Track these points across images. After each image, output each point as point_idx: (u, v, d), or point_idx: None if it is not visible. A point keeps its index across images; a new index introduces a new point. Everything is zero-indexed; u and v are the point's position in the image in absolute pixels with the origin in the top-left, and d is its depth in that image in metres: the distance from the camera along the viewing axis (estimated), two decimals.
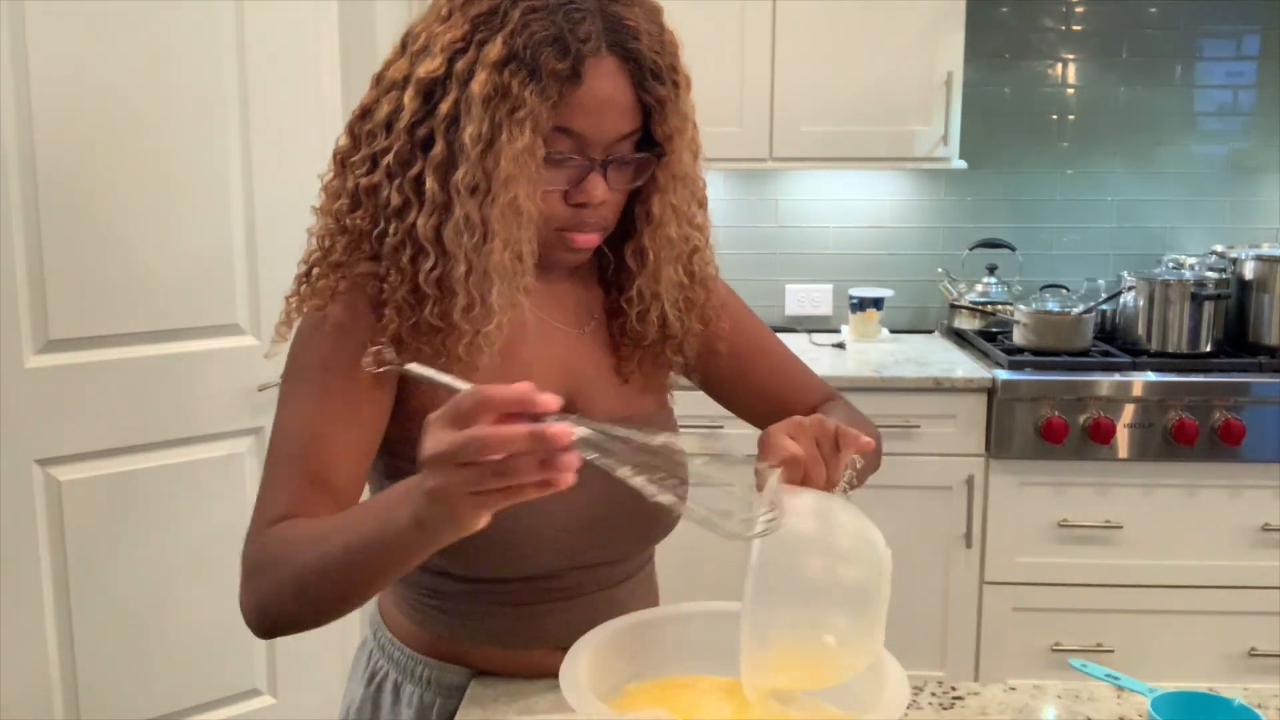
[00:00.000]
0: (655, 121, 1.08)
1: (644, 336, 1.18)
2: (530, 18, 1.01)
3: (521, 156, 1.01)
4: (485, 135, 1.00)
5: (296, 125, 2.30)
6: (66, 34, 2.01)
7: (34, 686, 2.10)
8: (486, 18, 1.02)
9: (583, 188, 1.07)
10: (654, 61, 1.05)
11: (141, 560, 2.21)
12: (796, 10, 2.88)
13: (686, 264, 1.18)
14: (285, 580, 0.96)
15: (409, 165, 1.04)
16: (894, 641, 0.99)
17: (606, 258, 1.19)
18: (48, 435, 2.08)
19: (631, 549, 1.21)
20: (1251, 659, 2.75)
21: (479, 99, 1.00)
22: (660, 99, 1.06)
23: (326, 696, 2.46)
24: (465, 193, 1.02)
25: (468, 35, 1.02)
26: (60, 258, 2.04)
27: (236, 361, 2.28)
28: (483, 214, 1.02)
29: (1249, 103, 3.25)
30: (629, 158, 1.09)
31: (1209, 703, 1.02)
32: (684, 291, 1.19)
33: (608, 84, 1.03)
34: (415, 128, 1.04)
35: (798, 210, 3.33)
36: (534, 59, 1.00)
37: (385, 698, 1.22)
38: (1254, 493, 2.71)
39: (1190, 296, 2.84)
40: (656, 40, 1.05)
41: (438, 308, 1.04)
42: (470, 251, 1.03)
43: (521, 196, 1.02)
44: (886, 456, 2.82)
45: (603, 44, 1.02)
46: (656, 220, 1.13)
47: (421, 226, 1.03)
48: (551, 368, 1.15)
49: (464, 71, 1.02)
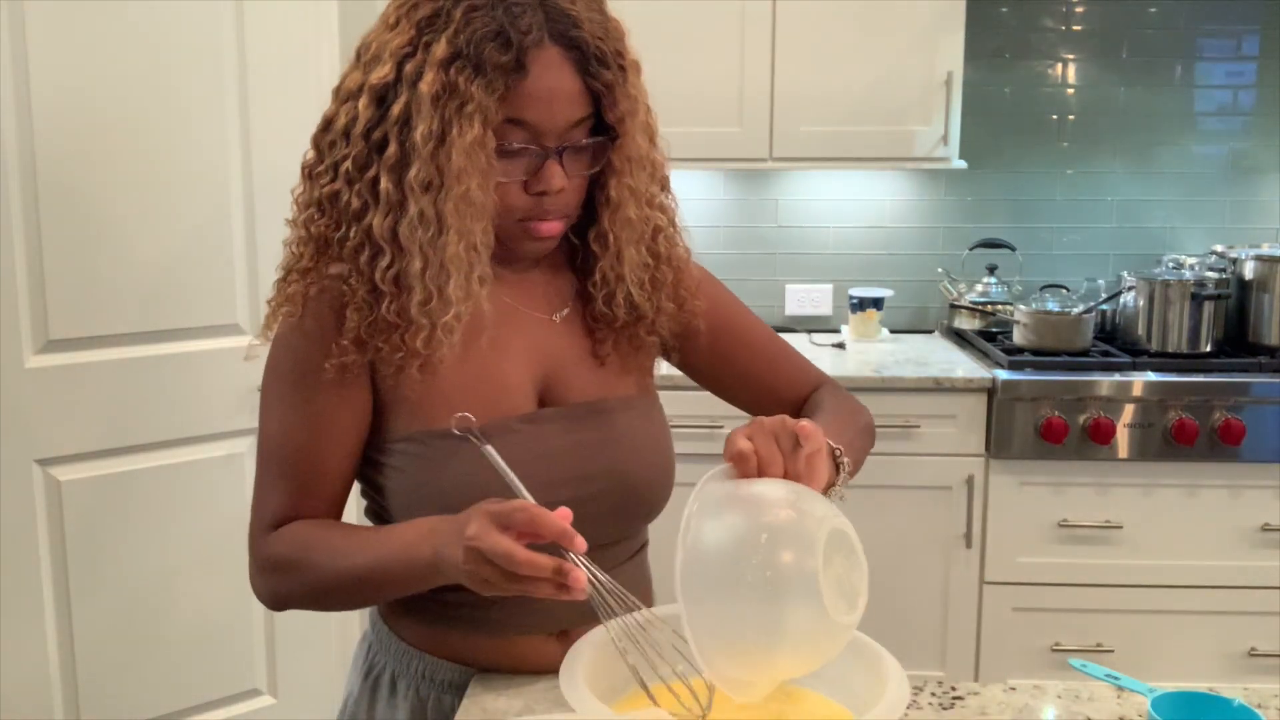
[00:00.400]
0: (605, 106, 1.10)
1: (614, 319, 1.21)
2: (472, 15, 1.04)
3: (472, 149, 1.04)
4: (436, 132, 1.04)
5: (296, 125, 2.28)
6: (66, 34, 2.01)
7: (34, 686, 2.10)
8: (431, 20, 1.06)
9: (540, 176, 1.10)
10: (598, 48, 1.07)
11: (141, 560, 2.21)
12: (796, 10, 2.88)
13: (650, 244, 1.21)
14: (305, 584, 1.12)
15: (366, 169, 1.08)
16: (894, 641, 0.99)
17: (576, 245, 1.22)
18: (48, 435, 2.08)
19: (616, 530, 1.22)
20: (1251, 659, 2.75)
21: (428, 98, 1.03)
22: (608, 84, 1.09)
23: (326, 696, 2.46)
24: (419, 189, 1.05)
25: (414, 39, 1.06)
26: (60, 258, 2.04)
27: (236, 361, 2.27)
28: (437, 209, 1.05)
29: (1249, 103, 3.25)
30: (583, 143, 1.12)
31: (1209, 703, 1.02)
32: (649, 272, 1.21)
33: (553, 73, 1.06)
34: (370, 133, 1.08)
35: (798, 210, 3.33)
36: (478, 54, 1.03)
37: (381, 691, 1.24)
38: (1254, 493, 2.71)
39: (1190, 296, 2.84)
40: (599, 27, 1.09)
41: (394, 304, 1.08)
42: (426, 246, 1.06)
43: (474, 188, 1.05)
44: (887, 456, 2.84)
45: (545, 34, 1.05)
46: (614, 203, 1.16)
47: (378, 226, 1.07)
48: (526, 354, 1.18)
49: (413, 73, 1.05)
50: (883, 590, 2.94)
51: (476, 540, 0.94)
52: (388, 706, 1.23)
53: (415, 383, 1.11)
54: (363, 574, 1.07)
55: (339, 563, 1.08)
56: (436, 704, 1.20)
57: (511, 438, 1.12)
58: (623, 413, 1.21)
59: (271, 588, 1.15)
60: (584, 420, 1.18)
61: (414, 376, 1.11)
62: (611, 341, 1.22)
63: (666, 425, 1.27)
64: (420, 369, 1.11)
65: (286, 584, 1.13)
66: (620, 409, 1.21)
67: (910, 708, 1.14)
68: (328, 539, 1.11)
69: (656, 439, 1.24)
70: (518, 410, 1.16)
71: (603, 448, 1.18)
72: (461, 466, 1.10)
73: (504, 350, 1.16)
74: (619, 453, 1.19)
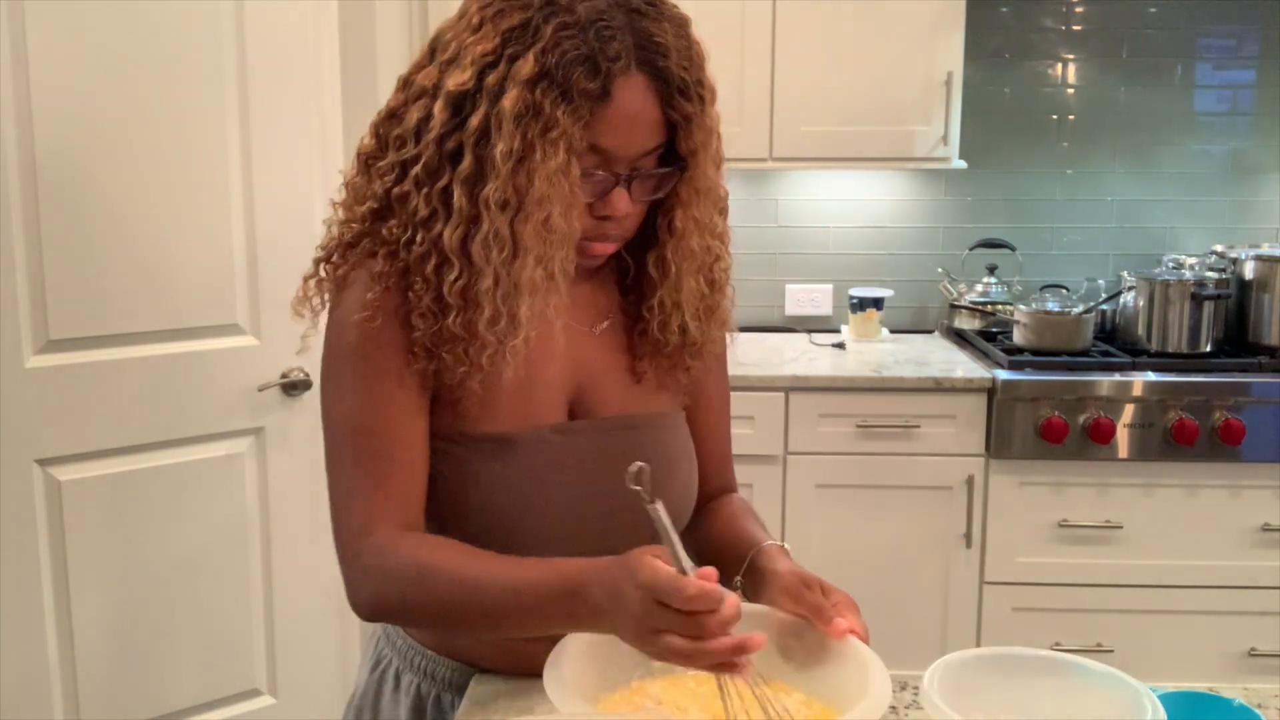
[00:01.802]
0: (680, 137, 1.09)
1: (665, 344, 1.20)
2: (562, 35, 1.01)
3: (555, 176, 1.02)
4: (517, 151, 1.02)
5: (296, 125, 2.30)
6: (66, 34, 2.01)
7: (34, 686, 2.10)
8: (518, 32, 1.03)
9: (607, 201, 1.09)
10: (681, 78, 1.06)
11: (141, 560, 2.21)
12: (796, 10, 2.88)
13: (708, 273, 1.20)
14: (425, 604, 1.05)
15: (437, 176, 1.06)
16: (894, 641, 0.99)
17: (624, 260, 1.21)
18: (48, 435, 2.08)
19: (627, 545, 1.21)
20: (1251, 659, 2.75)
21: (510, 116, 1.01)
22: (686, 115, 1.07)
23: (326, 696, 2.46)
24: (495, 208, 1.03)
25: (498, 49, 1.03)
26: (60, 258, 2.04)
27: (236, 361, 2.28)
28: (513, 229, 1.04)
29: (1249, 103, 3.25)
30: (652, 172, 1.10)
31: (1209, 703, 1.02)
32: (704, 301, 1.21)
33: (635, 101, 1.04)
34: (444, 140, 1.05)
35: (798, 210, 3.33)
36: (565, 78, 1.01)
37: (387, 685, 1.25)
38: (1254, 493, 2.71)
39: (1190, 296, 2.84)
40: (685, 56, 1.07)
41: (461, 317, 1.06)
42: (500, 266, 1.04)
43: (555, 215, 1.04)
44: (887, 457, 2.85)
45: (632, 62, 1.03)
46: (679, 233, 1.15)
47: (448, 238, 1.05)
48: (561, 364, 1.16)
49: (494, 86, 1.03)
50: (883, 590, 2.95)
51: (654, 621, 0.89)
52: (391, 701, 1.24)
53: (472, 393, 1.10)
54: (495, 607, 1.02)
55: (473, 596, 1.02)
56: (436, 702, 1.21)
57: (543, 448, 1.13)
58: (654, 429, 1.21)
59: (378, 598, 1.07)
60: (616, 435, 1.18)
61: (474, 390, 1.10)
62: (650, 359, 1.21)
63: (691, 442, 1.27)
64: (481, 384, 1.09)
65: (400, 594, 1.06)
66: (651, 425, 1.21)
67: (910, 707, 1.14)
68: (456, 562, 1.04)
69: (685, 457, 1.24)
70: (548, 419, 1.15)
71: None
72: (497, 471, 1.11)
73: (541, 358, 1.14)
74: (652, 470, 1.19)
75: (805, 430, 2.77)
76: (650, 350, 1.21)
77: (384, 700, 1.25)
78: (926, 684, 0.96)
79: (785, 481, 2.77)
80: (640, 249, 1.18)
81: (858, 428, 2.76)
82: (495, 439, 1.12)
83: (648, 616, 0.90)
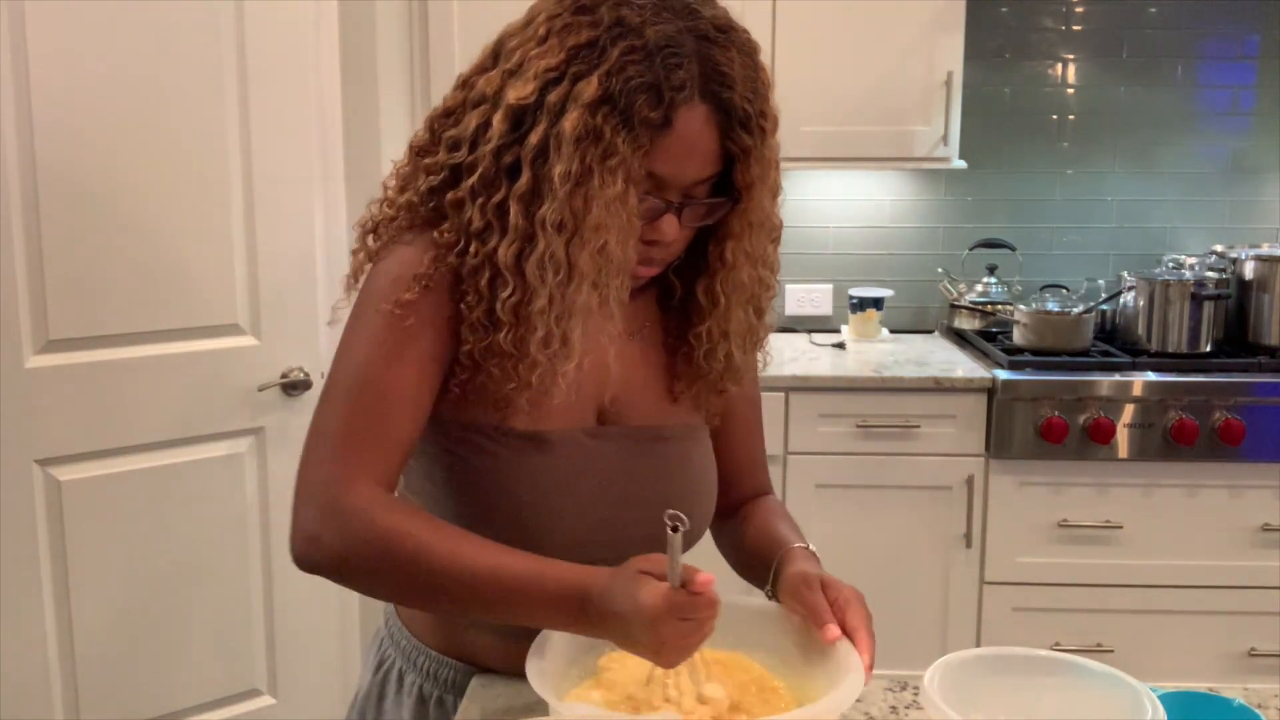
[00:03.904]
0: (738, 169, 1.07)
1: (708, 371, 1.19)
2: (628, 60, 1.00)
3: (613, 204, 1.01)
4: (575, 175, 1.00)
5: (296, 125, 2.31)
6: (66, 34, 2.01)
7: (34, 686, 2.10)
8: (585, 50, 1.01)
9: (656, 226, 1.08)
10: (744, 110, 1.04)
11: (141, 560, 2.21)
12: (797, 10, 2.88)
13: (757, 304, 1.19)
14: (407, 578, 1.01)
15: (493, 189, 1.05)
16: (894, 641, 0.99)
17: (670, 280, 1.20)
18: (48, 435, 2.08)
19: (638, 551, 1.22)
20: (1251, 659, 2.75)
21: (570, 138, 1.00)
22: (745, 148, 1.06)
23: (326, 696, 2.46)
24: (551, 229, 1.02)
25: (563, 65, 1.02)
26: (60, 258, 2.04)
27: (236, 361, 2.28)
28: (569, 253, 1.03)
29: (1249, 103, 3.25)
30: (704, 200, 1.09)
31: (1209, 703, 1.02)
32: (751, 331, 1.20)
33: (695, 131, 1.03)
34: (501, 152, 1.04)
35: (798, 210, 3.33)
36: (628, 105, 1.00)
37: (390, 686, 1.25)
38: (1254, 493, 2.71)
39: (1190, 296, 2.84)
40: (750, 87, 1.05)
41: (512, 334, 1.05)
42: (555, 288, 1.03)
43: (612, 243, 1.03)
44: (887, 456, 2.85)
45: (696, 91, 1.02)
46: (729, 265, 1.14)
47: (503, 254, 1.04)
48: (594, 370, 1.14)
49: (556, 104, 1.01)
50: (883, 590, 2.94)
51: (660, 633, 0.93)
52: (394, 703, 1.24)
53: (518, 407, 1.09)
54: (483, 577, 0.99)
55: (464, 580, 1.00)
56: (439, 704, 1.21)
57: (575, 450, 1.13)
58: (682, 441, 1.21)
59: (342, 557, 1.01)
60: (647, 446, 1.18)
61: (521, 407, 1.08)
62: (688, 382, 1.21)
63: (713, 455, 1.27)
64: (529, 401, 1.08)
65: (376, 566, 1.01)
66: (680, 438, 1.21)
67: (910, 707, 1.14)
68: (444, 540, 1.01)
69: (709, 470, 1.25)
70: (579, 423, 1.15)
71: (660, 475, 1.18)
72: (530, 466, 1.11)
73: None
74: (675, 483, 1.19)
75: (805, 430, 2.77)
76: (691, 374, 1.20)
77: (387, 702, 1.24)
78: (926, 684, 0.96)
79: (785, 481, 2.77)
80: (690, 274, 1.17)
81: (858, 428, 2.76)
82: (530, 436, 1.11)
83: (665, 633, 0.93)
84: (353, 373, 1.07)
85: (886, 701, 1.16)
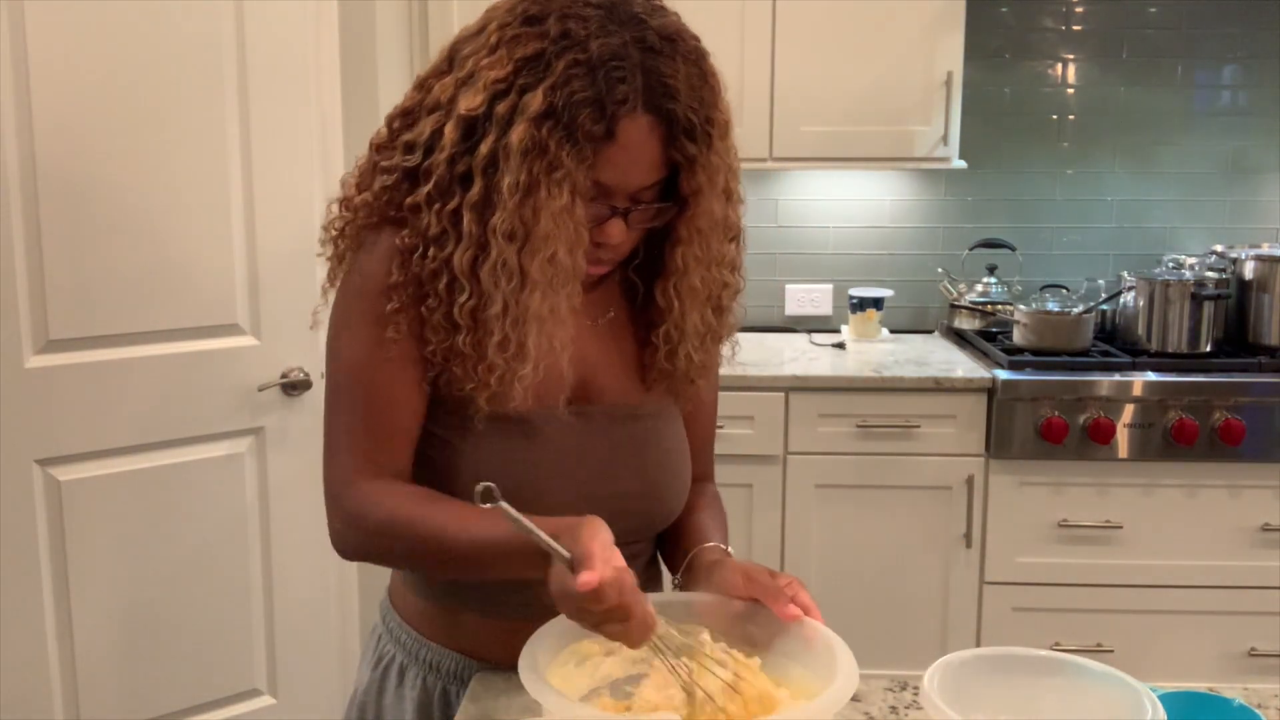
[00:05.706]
0: (682, 177, 1.10)
1: (673, 371, 1.22)
2: (572, 74, 1.02)
3: (560, 215, 1.04)
4: (523, 185, 1.03)
5: (296, 125, 2.30)
6: (66, 33, 2.01)
7: (34, 686, 2.10)
8: (531, 63, 1.03)
9: (603, 229, 1.10)
10: (688, 119, 1.06)
11: (141, 560, 2.21)
12: (796, 10, 2.88)
13: (715, 303, 1.21)
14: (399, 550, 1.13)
15: (448, 196, 1.07)
16: (894, 641, 1.00)
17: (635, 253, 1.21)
18: (48, 435, 2.08)
19: (637, 534, 1.24)
20: (1251, 659, 2.75)
21: (517, 150, 1.02)
22: (689, 156, 1.08)
23: (326, 696, 2.46)
24: (503, 238, 1.05)
25: (510, 77, 1.04)
26: (60, 258, 2.04)
27: (236, 361, 2.28)
28: (520, 261, 1.06)
29: (1249, 103, 3.25)
30: (650, 205, 1.11)
31: (1209, 703, 1.02)
32: (710, 330, 1.22)
33: (638, 141, 1.05)
34: (455, 160, 1.07)
35: (798, 210, 3.33)
36: (571, 119, 1.02)
37: (390, 681, 1.26)
38: (1254, 493, 2.71)
39: (1190, 296, 2.84)
40: (695, 96, 1.07)
41: (470, 337, 1.08)
42: (509, 294, 1.07)
43: (561, 252, 1.06)
44: (887, 457, 2.85)
45: (639, 103, 1.04)
46: (680, 270, 1.16)
47: (458, 260, 1.07)
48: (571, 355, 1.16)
49: (504, 116, 1.04)
50: (883, 590, 2.94)
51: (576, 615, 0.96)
52: (395, 697, 1.25)
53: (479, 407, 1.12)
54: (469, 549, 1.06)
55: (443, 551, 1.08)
56: (443, 695, 1.22)
57: (556, 427, 1.15)
58: (656, 420, 1.23)
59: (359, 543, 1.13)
60: (623, 424, 1.20)
61: (481, 406, 1.11)
62: (659, 383, 1.23)
63: (685, 435, 1.28)
64: (488, 400, 1.11)
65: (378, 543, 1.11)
66: (654, 417, 1.23)
67: (909, 707, 1.14)
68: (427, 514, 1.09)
69: (683, 450, 1.26)
70: (556, 403, 1.17)
71: (637, 454, 1.20)
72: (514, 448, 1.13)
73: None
74: (650, 462, 1.21)
75: (805, 430, 2.77)
76: (659, 371, 1.22)
77: (387, 697, 1.25)
78: (926, 684, 0.96)
79: (785, 481, 2.77)
80: (649, 273, 1.20)
81: (858, 428, 2.76)
82: (513, 419, 1.14)
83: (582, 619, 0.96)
84: (344, 376, 1.13)
85: (886, 701, 1.16)
